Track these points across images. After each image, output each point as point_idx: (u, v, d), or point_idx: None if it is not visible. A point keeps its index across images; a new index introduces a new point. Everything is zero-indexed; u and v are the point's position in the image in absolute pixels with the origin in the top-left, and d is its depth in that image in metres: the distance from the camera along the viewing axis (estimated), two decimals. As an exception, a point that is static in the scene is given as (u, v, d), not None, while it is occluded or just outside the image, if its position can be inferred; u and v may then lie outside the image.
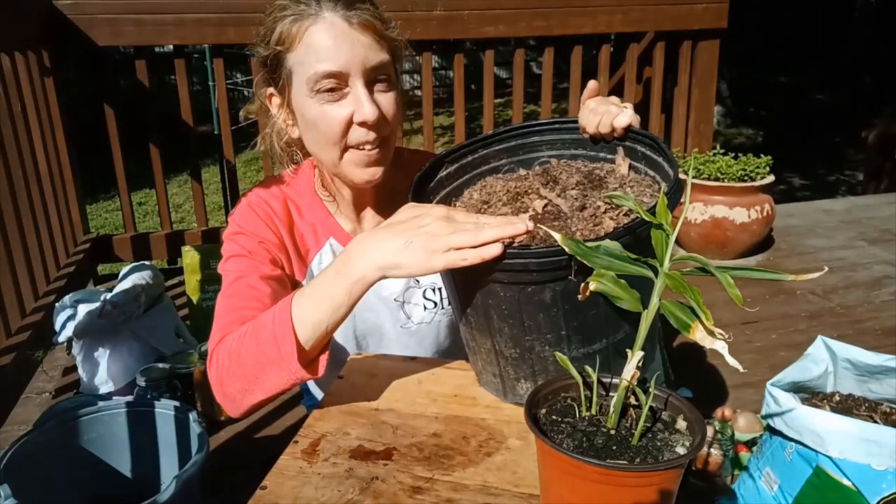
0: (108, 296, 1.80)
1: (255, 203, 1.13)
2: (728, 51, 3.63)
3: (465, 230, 0.78)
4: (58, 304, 1.81)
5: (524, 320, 0.82)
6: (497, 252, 0.75)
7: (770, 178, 2.90)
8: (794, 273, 0.64)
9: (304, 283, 1.15)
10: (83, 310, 1.75)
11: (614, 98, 0.96)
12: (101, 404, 1.44)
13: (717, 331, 0.62)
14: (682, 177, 0.95)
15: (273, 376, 0.89)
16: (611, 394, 0.74)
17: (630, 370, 0.68)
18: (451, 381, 1.02)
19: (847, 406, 0.95)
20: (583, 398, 0.72)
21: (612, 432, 0.68)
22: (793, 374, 0.97)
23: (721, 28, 3.12)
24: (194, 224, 2.99)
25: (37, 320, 2.00)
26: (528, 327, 0.83)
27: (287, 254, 1.13)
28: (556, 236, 0.72)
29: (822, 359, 0.99)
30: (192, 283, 2.29)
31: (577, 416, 0.71)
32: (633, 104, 0.96)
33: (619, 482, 0.62)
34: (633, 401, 0.72)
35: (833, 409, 0.92)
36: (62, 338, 1.76)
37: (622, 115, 0.91)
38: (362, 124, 1.00)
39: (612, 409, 0.69)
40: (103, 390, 1.80)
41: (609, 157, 0.99)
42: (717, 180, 2.85)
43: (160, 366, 1.77)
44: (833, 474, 0.82)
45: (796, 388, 0.96)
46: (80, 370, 1.84)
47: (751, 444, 1.09)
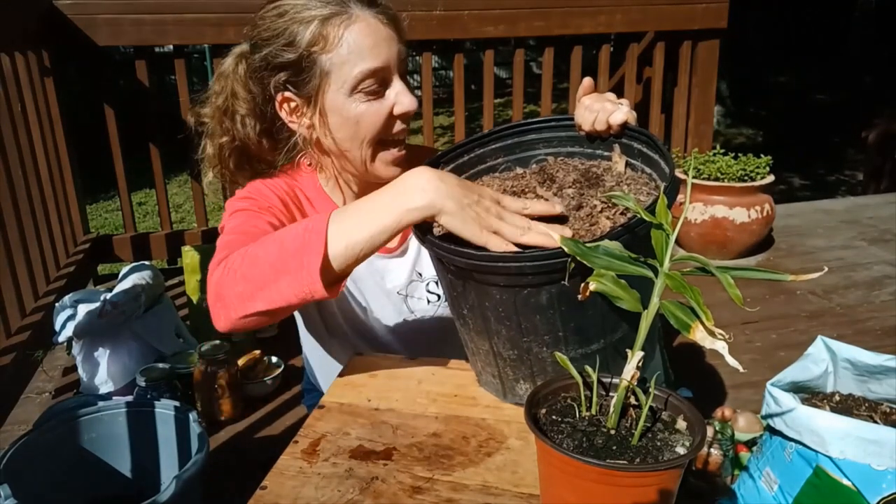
0: (108, 296, 1.80)
1: (265, 181, 1.14)
2: (728, 51, 3.63)
3: (515, 225, 0.80)
4: (58, 304, 1.81)
5: (521, 322, 0.82)
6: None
7: (770, 178, 2.90)
8: (794, 273, 0.64)
9: None
10: (83, 310, 1.75)
11: (610, 95, 0.96)
12: (101, 404, 1.44)
13: (717, 331, 0.62)
14: (681, 176, 0.95)
15: (284, 285, 0.83)
16: (611, 394, 0.74)
17: (630, 370, 0.68)
18: (451, 381, 1.02)
19: (847, 406, 0.95)
20: (583, 398, 0.72)
21: (612, 432, 0.68)
22: (793, 374, 0.97)
23: (721, 28, 3.12)
24: (194, 224, 2.99)
25: (37, 320, 2.00)
26: (525, 329, 0.83)
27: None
28: (556, 237, 0.72)
29: (822, 359, 0.99)
30: (192, 283, 2.29)
31: (577, 416, 0.71)
32: (632, 104, 0.96)
33: (619, 482, 0.62)
34: (633, 401, 0.72)
35: (833, 409, 0.92)
36: (62, 338, 1.76)
37: (618, 111, 0.90)
38: (403, 116, 1.03)
39: (612, 409, 0.69)
40: (103, 390, 1.80)
41: (606, 154, 0.98)
42: (717, 180, 2.85)
43: (160, 366, 1.77)
44: (833, 474, 0.82)
45: (796, 388, 0.96)
46: (80, 370, 1.84)
47: (751, 444, 1.09)
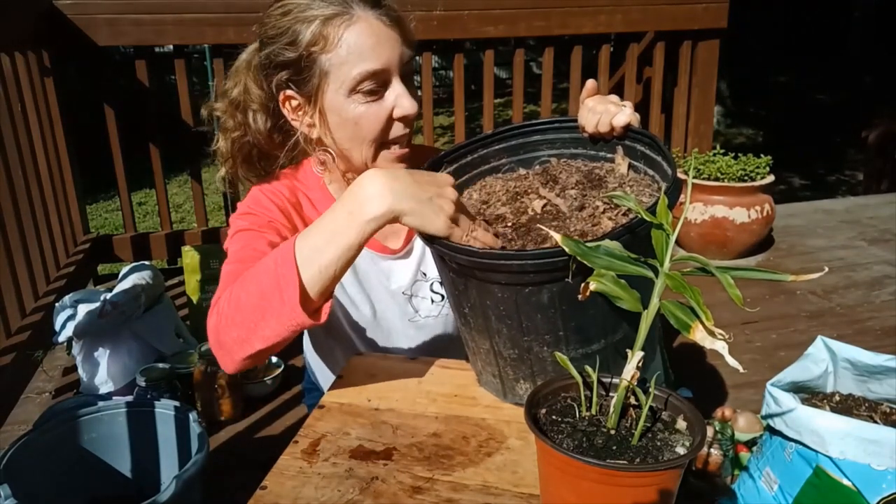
0: (108, 296, 1.80)
1: (266, 188, 1.14)
2: (728, 51, 3.62)
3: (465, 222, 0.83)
4: (58, 304, 1.81)
5: (522, 321, 0.82)
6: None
7: (770, 178, 2.90)
8: (794, 273, 0.64)
9: None
10: (83, 310, 1.75)
11: (613, 97, 0.96)
12: (101, 404, 1.44)
13: (717, 331, 0.62)
14: (682, 176, 0.95)
15: (273, 323, 0.83)
16: (611, 394, 0.74)
17: (630, 370, 0.68)
18: (451, 381, 1.02)
19: (847, 406, 0.95)
20: (583, 398, 0.72)
21: (612, 432, 0.68)
22: (793, 374, 0.97)
23: (721, 28, 3.12)
24: (194, 224, 2.99)
25: (37, 320, 1.99)
26: (526, 328, 0.83)
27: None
28: (556, 236, 0.72)
29: (822, 359, 0.99)
30: (192, 283, 2.29)
31: (577, 416, 0.71)
32: (632, 104, 0.96)
33: (619, 482, 0.62)
34: (633, 401, 0.72)
35: (833, 409, 0.92)
36: (62, 338, 1.76)
37: (621, 113, 0.91)
38: (403, 118, 1.02)
39: (612, 409, 0.69)
40: (103, 390, 1.80)
41: (609, 156, 0.99)
42: (717, 180, 2.85)
43: (160, 366, 1.77)
44: (833, 474, 0.82)
45: (796, 388, 0.96)
46: (80, 370, 1.84)
47: (751, 444, 1.09)
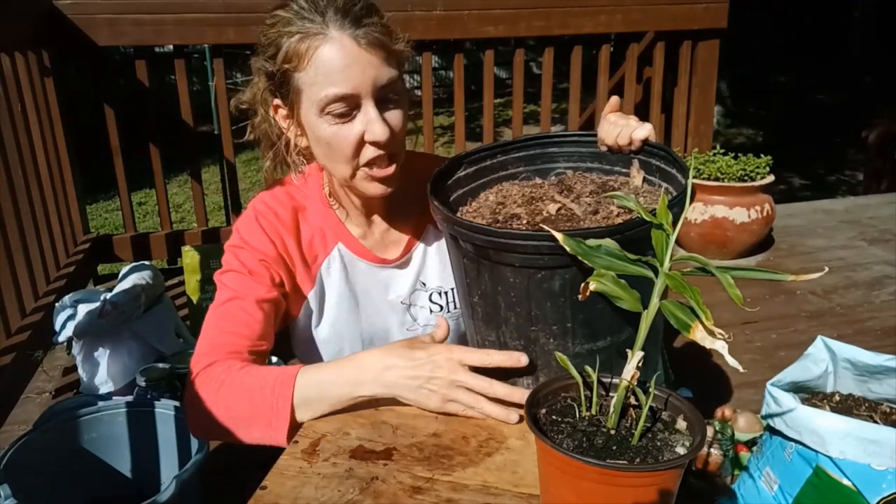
0: (108, 296, 1.80)
1: (261, 213, 1.12)
2: (728, 51, 3.62)
3: (473, 391, 0.90)
4: (58, 304, 1.81)
5: (531, 309, 0.83)
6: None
7: (770, 178, 2.90)
8: (794, 273, 0.64)
9: (309, 293, 1.14)
10: (83, 310, 1.75)
11: (634, 116, 1.01)
12: (101, 404, 1.44)
13: (717, 331, 0.62)
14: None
15: (256, 435, 0.95)
16: (611, 394, 0.74)
17: (630, 370, 0.68)
18: (451, 381, 1.02)
19: (847, 406, 0.94)
20: (583, 398, 0.72)
21: (612, 432, 0.68)
22: (793, 374, 0.97)
23: (721, 28, 3.12)
24: (194, 224, 2.99)
25: (37, 320, 1.99)
26: (534, 317, 0.84)
27: (289, 268, 1.12)
28: (558, 235, 0.72)
29: (822, 359, 0.99)
30: (192, 283, 2.29)
31: (577, 416, 0.71)
32: (632, 104, 0.99)
33: (619, 482, 0.62)
34: (633, 401, 0.72)
35: (833, 409, 0.92)
36: (62, 338, 1.76)
37: (641, 128, 0.96)
38: (374, 144, 0.99)
39: (612, 409, 0.69)
40: (103, 390, 1.80)
41: (624, 170, 1.02)
42: (717, 180, 2.85)
43: (160, 366, 1.77)
44: (833, 474, 0.82)
45: (796, 388, 0.96)
46: (80, 370, 1.84)
47: (751, 444, 1.09)
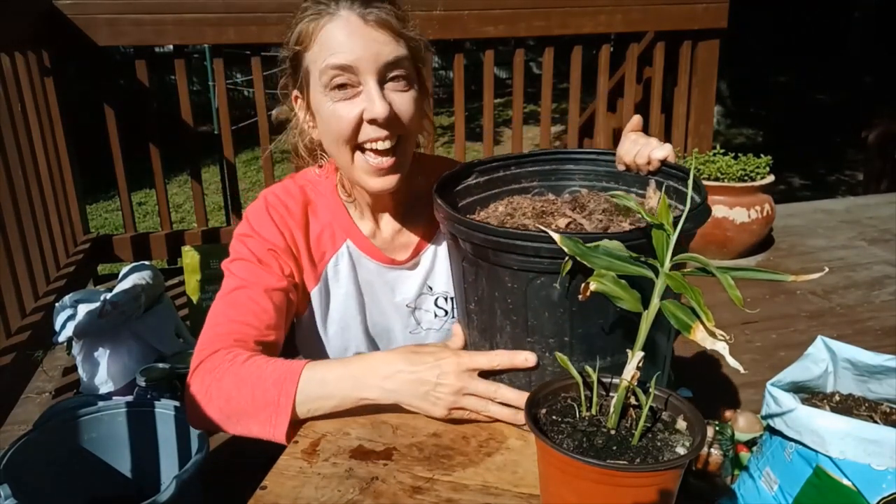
0: (108, 296, 1.80)
1: (272, 204, 1.11)
2: (728, 51, 3.62)
3: (479, 396, 0.88)
4: (58, 304, 1.81)
5: (528, 318, 0.82)
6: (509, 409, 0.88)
7: (770, 178, 2.90)
8: (794, 273, 0.64)
9: (313, 290, 1.13)
10: (83, 310, 1.75)
11: (655, 137, 1.01)
12: (101, 404, 1.44)
13: (717, 332, 0.62)
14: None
15: (255, 429, 0.93)
16: (611, 394, 0.74)
17: (630, 370, 0.68)
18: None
19: (847, 406, 0.94)
20: (583, 398, 0.72)
21: (612, 432, 0.68)
22: (793, 374, 0.97)
23: (721, 28, 3.12)
24: (194, 224, 2.99)
25: (37, 320, 1.99)
26: (531, 327, 0.82)
27: (298, 260, 1.11)
28: (555, 236, 0.72)
29: (822, 359, 0.99)
30: (192, 283, 2.29)
31: (577, 416, 0.71)
32: (632, 104, 0.98)
33: (619, 482, 0.62)
34: (633, 401, 0.72)
35: (833, 409, 0.92)
36: (62, 338, 1.76)
37: (661, 148, 0.95)
38: (372, 121, 0.98)
39: (612, 410, 0.69)
40: (103, 390, 1.80)
41: (640, 191, 1.01)
42: (717, 180, 2.85)
43: (160, 366, 1.77)
44: (833, 474, 0.82)
45: (796, 388, 0.96)
46: (80, 370, 1.84)
47: (751, 444, 1.09)
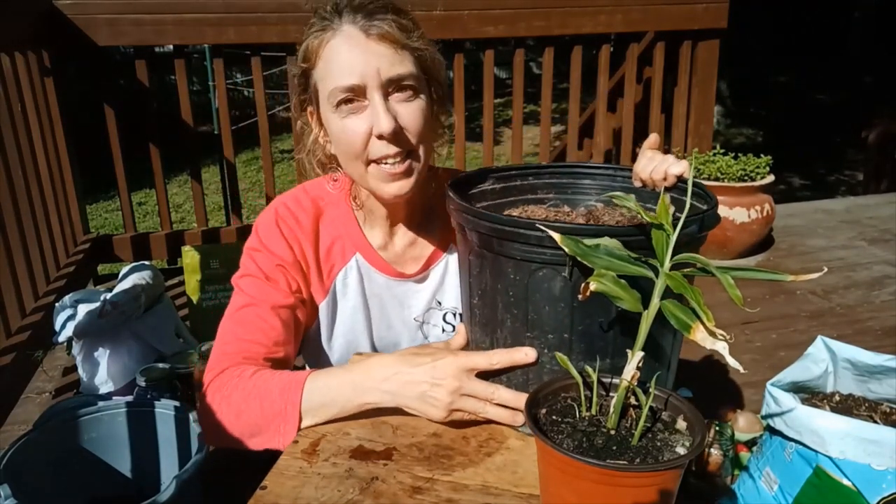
0: (108, 296, 1.80)
1: (283, 216, 1.10)
2: (728, 51, 3.62)
3: (477, 398, 0.88)
4: (58, 304, 1.81)
5: (529, 311, 0.82)
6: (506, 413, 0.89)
7: (770, 178, 2.90)
8: (794, 273, 0.64)
9: (322, 303, 1.13)
10: (83, 310, 1.75)
11: (672, 155, 1.02)
12: (101, 404, 1.44)
13: (718, 332, 0.62)
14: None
15: (266, 442, 0.95)
16: (611, 394, 0.74)
17: (630, 370, 0.68)
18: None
19: (847, 406, 0.94)
20: (583, 398, 0.72)
21: (612, 432, 0.68)
22: (793, 374, 0.97)
23: (721, 28, 3.12)
24: (194, 224, 2.99)
25: (37, 320, 1.99)
26: (531, 321, 0.82)
27: (306, 274, 1.11)
28: (556, 236, 0.72)
29: (822, 359, 0.99)
30: (192, 283, 2.29)
31: (577, 416, 0.71)
32: (632, 104, 0.97)
33: (619, 482, 0.62)
34: (633, 401, 0.72)
35: (833, 409, 0.92)
36: (62, 338, 1.76)
37: (677, 164, 0.96)
38: (380, 137, 0.98)
39: (612, 410, 0.69)
40: (103, 390, 1.80)
41: (655, 208, 1.00)
42: (717, 180, 2.85)
43: (160, 366, 1.77)
44: (833, 474, 0.82)
45: (796, 388, 0.96)
46: (80, 370, 1.84)
47: (751, 444, 1.09)
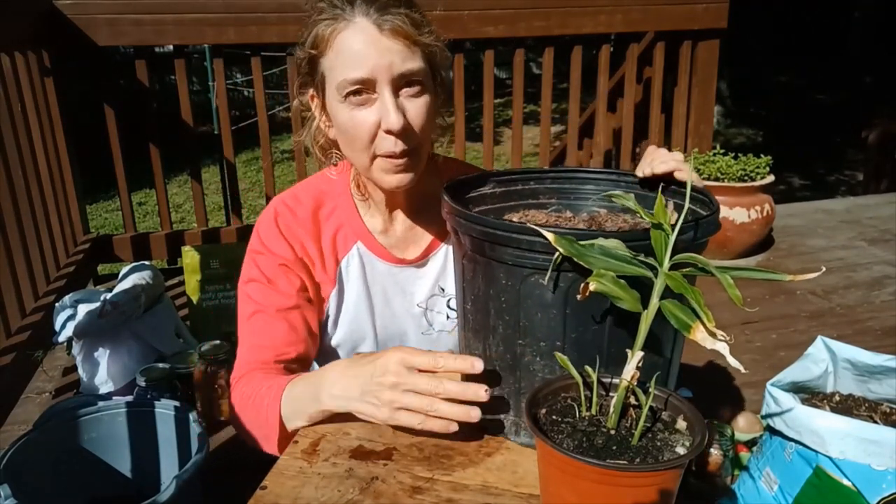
0: (108, 296, 1.80)
1: (281, 214, 1.13)
2: (728, 51, 3.63)
3: (421, 393, 0.84)
4: (58, 304, 1.81)
5: (520, 318, 0.81)
6: (454, 426, 0.84)
7: (770, 178, 2.90)
8: (794, 273, 0.64)
9: (331, 294, 1.15)
10: (83, 310, 1.75)
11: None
12: (101, 404, 1.44)
13: (718, 332, 0.62)
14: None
15: (269, 448, 1.03)
16: (611, 394, 0.74)
17: (630, 370, 0.68)
18: (451, 381, 1.02)
19: (847, 406, 0.94)
20: (583, 398, 0.72)
21: (612, 432, 0.68)
22: (793, 374, 0.97)
23: (721, 28, 3.12)
24: (194, 224, 2.99)
25: (37, 320, 1.99)
26: (523, 328, 0.82)
27: (310, 270, 1.13)
28: (549, 236, 0.71)
29: (822, 359, 0.99)
30: (192, 283, 2.29)
31: (577, 416, 0.71)
32: (632, 104, 0.98)
33: (619, 482, 0.62)
34: (633, 401, 0.72)
35: (833, 409, 0.92)
36: (62, 338, 1.76)
37: (673, 154, 0.97)
38: (388, 132, 0.99)
39: (612, 409, 0.69)
40: (103, 390, 1.80)
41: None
42: (717, 180, 2.85)
43: (160, 366, 1.77)
44: (833, 474, 0.82)
45: (796, 388, 0.96)
46: (80, 370, 1.84)
47: (751, 444, 1.09)
